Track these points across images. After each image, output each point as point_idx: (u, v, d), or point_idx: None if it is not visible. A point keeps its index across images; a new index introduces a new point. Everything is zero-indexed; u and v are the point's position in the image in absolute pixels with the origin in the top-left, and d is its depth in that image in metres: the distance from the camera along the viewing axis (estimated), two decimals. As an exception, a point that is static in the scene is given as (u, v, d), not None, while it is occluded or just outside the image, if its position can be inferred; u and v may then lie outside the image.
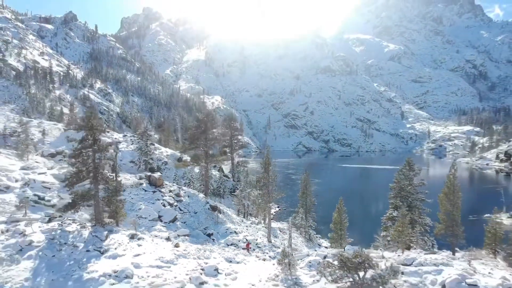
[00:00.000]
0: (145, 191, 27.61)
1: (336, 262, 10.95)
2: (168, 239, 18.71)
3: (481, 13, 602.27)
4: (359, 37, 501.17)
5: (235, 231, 28.00)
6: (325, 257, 17.22)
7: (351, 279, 10.04)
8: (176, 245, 18.04)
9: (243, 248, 23.87)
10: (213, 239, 25.10)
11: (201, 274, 15.07)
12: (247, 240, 26.47)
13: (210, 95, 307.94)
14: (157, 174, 30.61)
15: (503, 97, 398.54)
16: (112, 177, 17.64)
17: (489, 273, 16.01)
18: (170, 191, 29.18)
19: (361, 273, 10.03)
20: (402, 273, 15.48)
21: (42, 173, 25.47)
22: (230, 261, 17.52)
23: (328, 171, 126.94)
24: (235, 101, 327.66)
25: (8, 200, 21.01)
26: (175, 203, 27.78)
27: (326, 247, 32.34)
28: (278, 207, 54.50)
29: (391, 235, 22.50)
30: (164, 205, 26.74)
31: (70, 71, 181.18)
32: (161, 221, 25.03)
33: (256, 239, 28.45)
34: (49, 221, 16.82)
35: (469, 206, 57.29)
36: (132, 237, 17.15)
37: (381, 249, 23.74)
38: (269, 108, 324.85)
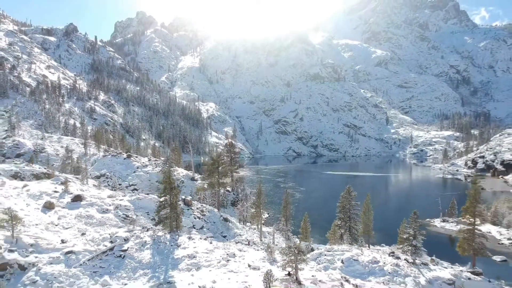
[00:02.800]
0: (182, 209, 42.89)
1: (287, 248, 26.73)
2: (205, 239, 34.28)
3: (465, 19, 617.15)
4: (347, 42, 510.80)
5: (239, 234, 43.71)
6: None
7: (292, 254, 25.68)
8: (211, 242, 33.70)
9: (246, 244, 39.36)
10: (227, 239, 40.60)
11: (226, 255, 30.70)
12: (247, 239, 42.18)
13: (205, 102, 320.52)
14: (189, 197, 46.34)
15: (484, 101, 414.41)
16: (177, 205, 33.20)
17: (369, 254, 32.02)
18: (197, 208, 44.62)
19: (296, 253, 25.66)
20: (325, 254, 31.64)
21: (121, 199, 40.58)
22: (240, 250, 33.11)
23: (313, 178, 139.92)
24: (229, 107, 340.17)
25: (110, 218, 36.24)
26: (201, 217, 43.22)
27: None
28: (268, 213, 70.04)
29: (328, 236, 38.67)
30: (195, 218, 42.20)
31: (76, 84, 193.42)
32: (194, 228, 40.37)
33: (253, 239, 44.03)
34: (147, 230, 32.28)
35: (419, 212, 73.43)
36: (189, 238, 32.71)
37: (329, 244, 39.90)
38: (261, 114, 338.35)
